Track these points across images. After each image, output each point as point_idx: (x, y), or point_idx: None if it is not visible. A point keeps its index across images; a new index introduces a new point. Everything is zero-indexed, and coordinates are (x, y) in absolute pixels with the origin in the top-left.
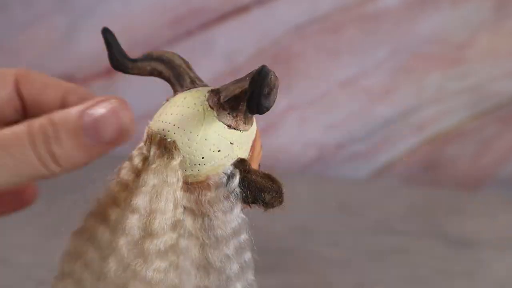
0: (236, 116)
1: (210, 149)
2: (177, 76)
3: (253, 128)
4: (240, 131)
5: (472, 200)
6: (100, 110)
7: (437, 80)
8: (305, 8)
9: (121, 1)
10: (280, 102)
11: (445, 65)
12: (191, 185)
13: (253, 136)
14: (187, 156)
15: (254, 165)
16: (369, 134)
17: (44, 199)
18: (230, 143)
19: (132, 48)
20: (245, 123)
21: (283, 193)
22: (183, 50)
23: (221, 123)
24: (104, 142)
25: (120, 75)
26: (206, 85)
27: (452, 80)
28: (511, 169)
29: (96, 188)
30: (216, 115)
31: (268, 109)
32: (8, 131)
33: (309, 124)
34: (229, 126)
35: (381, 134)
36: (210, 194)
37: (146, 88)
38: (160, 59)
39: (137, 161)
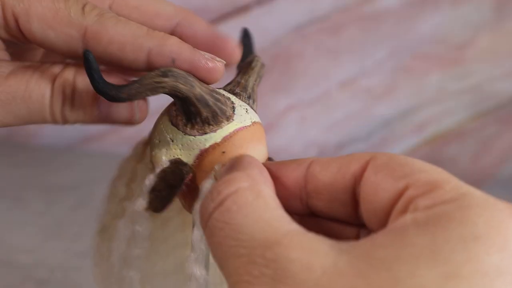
0: (176, 114)
1: (154, 137)
2: None
3: (206, 139)
4: (182, 132)
5: None
6: None
7: (437, 80)
8: (305, 8)
9: None
10: (280, 102)
11: (445, 65)
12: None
13: (204, 146)
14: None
15: (200, 176)
16: (369, 134)
17: (44, 199)
18: (170, 139)
19: None
20: (186, 125)
21: (162, 204)
22: None
23: (167, 116)
24: (112, 120)
25: None
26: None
27: (452, 80)
28: (511, 169)
29: (96, 188)
30: (169, 106)
31: (112, 97)
32: (32, 79)
33: (309, 124)
34: (171, 122)
35: (381, 134)
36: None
37: None
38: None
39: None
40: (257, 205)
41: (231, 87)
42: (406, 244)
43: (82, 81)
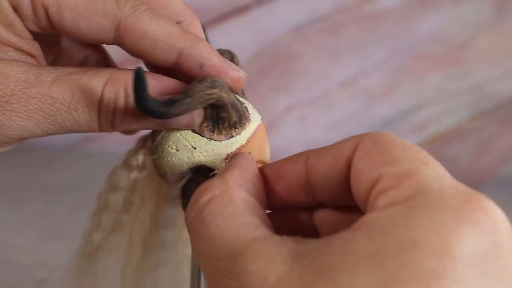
0: (201, 122)
1: (168, 146)
2: None
3: (233, 142)
4: (207, 138)
5: None
6: None
7: (437, 80)
8: (305, 8)
9: None
10: (280, 102)
11: (445, 65)
12: (160, 176)
13: (231, 150)
14: (155, 147)
15: None
16: None
17: (44, 199)
18: (192, 146)
19: None
20: (213, 132)
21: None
22: None
23: None
24: (169, 126)
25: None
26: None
27: (452, 80)
28: (511, 169)
29: (96, 188)
30: None
31: (161, 114)
32: (80, 86)
33: (309, 124)
34: (193, 130)
35: None
36: (168, 190)
37: None
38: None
39: (136, 143)
40: (227, 214)
41: None
42: (351, 251)
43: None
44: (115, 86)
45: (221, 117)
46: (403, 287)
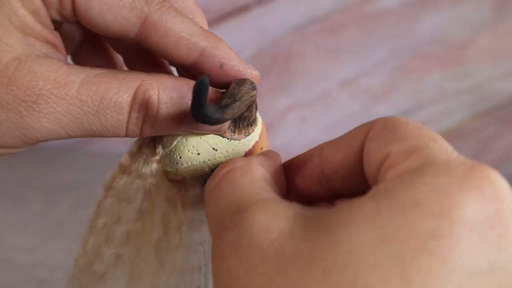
0: None
1: (188, 151)
2: None
3: (250, 139)
4: (228, 138)
5: None
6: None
7: (437, 80)
8: (305, 8)
9: None
10: (280, 102)
11: (445, 65)
12: (172, 182)
13: (248, 147)
14: (168, 153)
15: None
16: None
17: (44, 199)
18: (213, 148)
19: None
20: (234, 132)
21: None
22: None
23: None
24: (200, 131)
25: None
26: None
27: (452, 80)
28: (511, 169)
29: (95, 188)
30: None
31: (217, 120)
32: (110, 90)
33: (309, 124)
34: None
35: None
36: (187, 194)
37: None
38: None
39: (134, 148)
40: (243, 180)
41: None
42: (354, 212)
43: (167, 97)
44: (148, 91)
45: (243, 116)
46: (401, 244)
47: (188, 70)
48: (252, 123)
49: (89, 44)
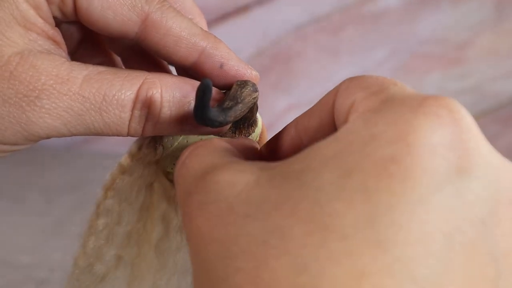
0: None
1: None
2: None
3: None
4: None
5: None
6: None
7: (437, 80)
8: (305, 8)
9: None
10: (280, 102)
11: (445, 65)
12: (173, 183)
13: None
14: (169, 153)
15: None
16: None
17: (44, 199)
18: None
19: None
20: (234, 132)
21: None
22: None
23: None
24: (201, 132)
25: None
26: None
27: (452, 80)
28: None
29: (95, 188)
30: None
31: (220, 123)
32: (113, 87)
33: None
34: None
35: None
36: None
37: None
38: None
39: (134, 149)
40: (206, 152)
41: None
42: (316, 154)
43: (170, 96)
44: (151, 90)
45: (244, 117)
46: (362, 174)
47: (187, 71)
48: (252, 123)
49: (87, 44)
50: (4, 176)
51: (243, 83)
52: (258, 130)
